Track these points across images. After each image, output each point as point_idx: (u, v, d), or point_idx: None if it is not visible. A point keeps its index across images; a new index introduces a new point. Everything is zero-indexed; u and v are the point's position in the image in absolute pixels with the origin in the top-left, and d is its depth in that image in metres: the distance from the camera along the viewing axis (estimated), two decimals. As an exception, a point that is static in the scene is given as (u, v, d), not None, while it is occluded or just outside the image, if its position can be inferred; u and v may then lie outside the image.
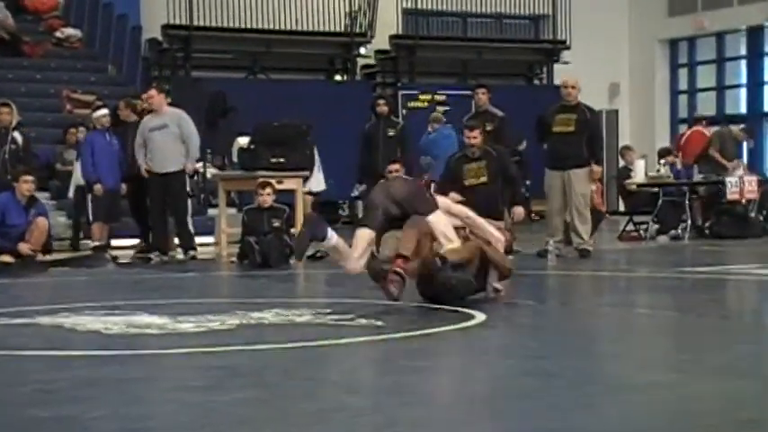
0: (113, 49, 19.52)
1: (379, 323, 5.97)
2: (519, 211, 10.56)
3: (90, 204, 12.43)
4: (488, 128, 11.22)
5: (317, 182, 12.33)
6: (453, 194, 10.19)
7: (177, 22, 19.67)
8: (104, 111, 12.70)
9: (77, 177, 12.97)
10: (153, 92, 12.01)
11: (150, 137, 11.74)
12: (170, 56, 20.14)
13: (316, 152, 12.29)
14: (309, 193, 12.15)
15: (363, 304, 6.82)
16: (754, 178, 14.03)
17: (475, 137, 10.30)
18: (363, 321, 6.03)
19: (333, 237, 6.91)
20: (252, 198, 11.83)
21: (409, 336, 5.64)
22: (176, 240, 12.05)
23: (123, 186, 12.35)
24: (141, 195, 12.28)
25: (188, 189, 12.21)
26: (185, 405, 4.02)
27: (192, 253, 11.84)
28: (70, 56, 19.08)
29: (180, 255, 11.92)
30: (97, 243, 12.25)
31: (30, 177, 11.31)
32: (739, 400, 3.97)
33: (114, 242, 12.86)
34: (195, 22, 19.75)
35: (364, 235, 6.88)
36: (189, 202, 12.27)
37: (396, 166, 10.50)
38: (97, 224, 12.34)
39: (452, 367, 4.80)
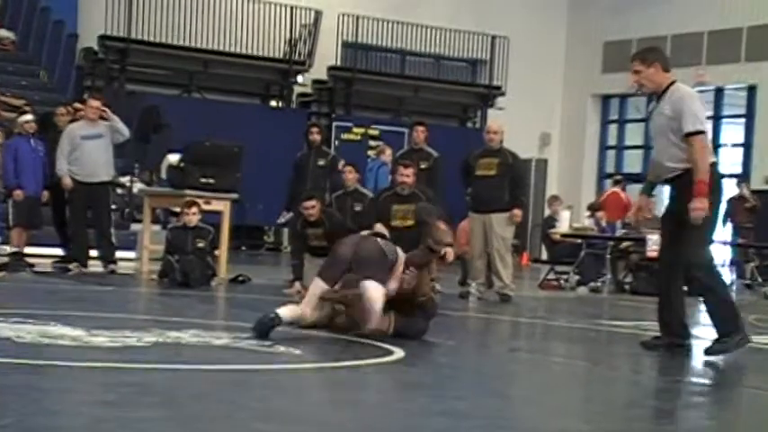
0: (47, 55, 19.29)
1: (298, 352, 5.95)
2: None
3: (10, 210, 12.20)
4: (423, 166, 11.29)
5: None
6: (380, 226, 10.23)
7: (115, 33, 19.54)
8: (29, 116, 12.51)
9: None
10: (99, 103, 11.90)
11: (81, 144, 11.60)
12: (105, 67, 19.95)
13: None
14: None
15: (283, 332, 6.78)
16: (674, 237, 14.27)
17: (408, 175, 10.29)
18: (282, 349, 5.99)
19: (285, 314, 6.64)
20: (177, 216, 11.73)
21: (327, 366, 5.63)
22: (95, 252, 11.88)
23: (45, 193, 12.14)
24: (63, 204, 12.09)
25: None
26: (93, 419, 3.95)
27: (111, 267, 11.68)
28: (2, 58, 18.82)
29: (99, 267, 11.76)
30: (15, 249, 12.03)
31: None
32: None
33: (33, 250, 12.61)
34: (133, 35, 19.62)
35: (319, 289, 6.73)
36: (112, 213, 12.13)
37: (312, 203, 10.19)
38: (16, 230, 12.11)
39: (367, 401, 4.79)
